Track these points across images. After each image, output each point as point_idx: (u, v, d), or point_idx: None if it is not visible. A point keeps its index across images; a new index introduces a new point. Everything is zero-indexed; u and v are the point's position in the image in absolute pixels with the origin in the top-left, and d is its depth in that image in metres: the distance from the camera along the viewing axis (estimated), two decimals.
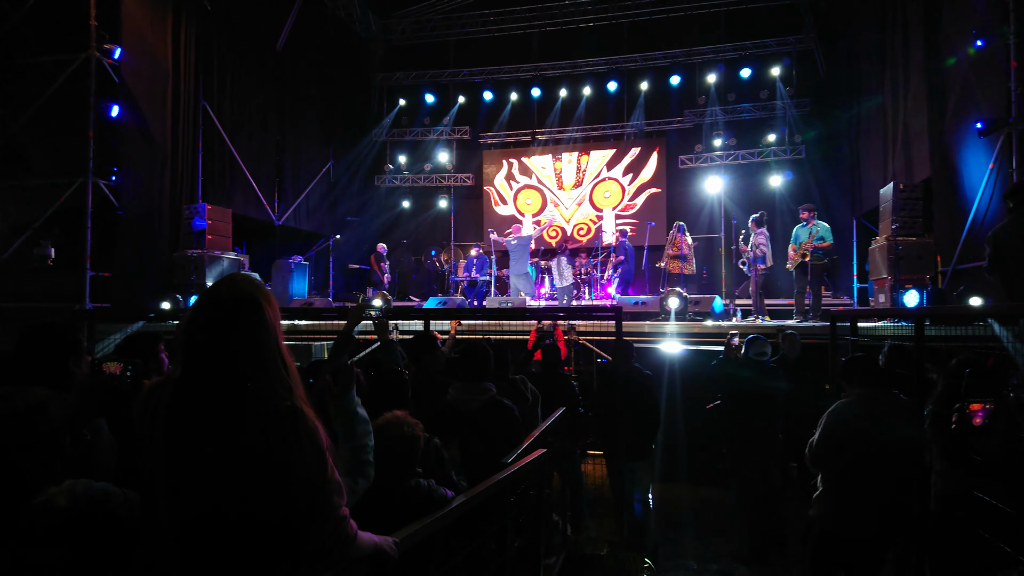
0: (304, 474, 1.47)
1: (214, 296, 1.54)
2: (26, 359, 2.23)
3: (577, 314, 8.17)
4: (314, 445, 1.50)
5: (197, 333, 1.51)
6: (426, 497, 2.42)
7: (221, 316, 1.51)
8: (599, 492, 5.94)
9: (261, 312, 1.53)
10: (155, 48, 9.82)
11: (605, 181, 15.62)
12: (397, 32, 16.50)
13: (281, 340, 1.56)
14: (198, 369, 1.49)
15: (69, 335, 2.31)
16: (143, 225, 9.60)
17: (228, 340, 1.49)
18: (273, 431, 1.45)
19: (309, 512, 1.49)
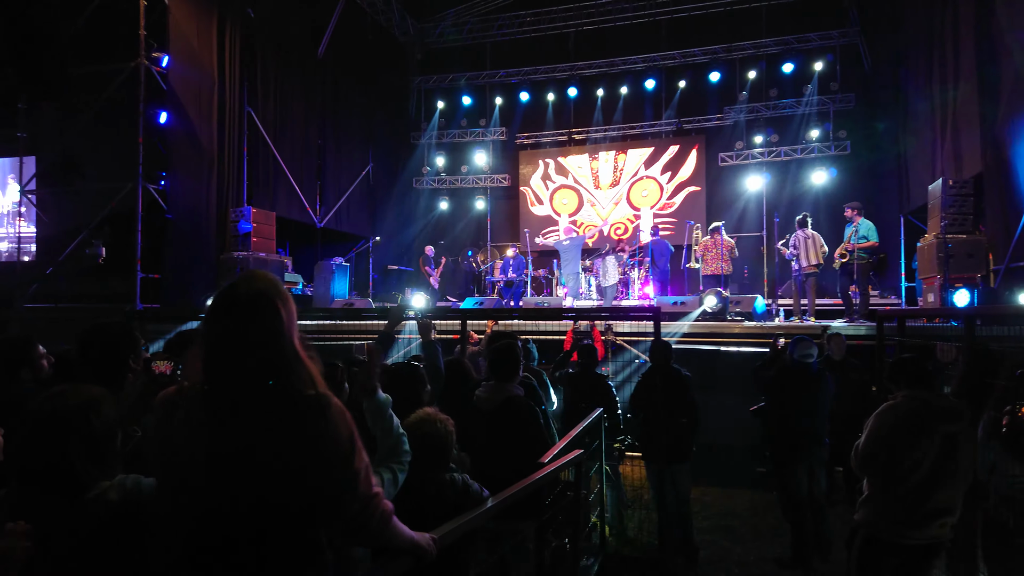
0: (333, 455, 1.51)
1: (231, 293, 1.57)
2: (85, 358, 2.31)
3: (614, 314, 8.12)
4: (346, 427, 1.54)
5: (216, 328, 1.55)
6: (461, 492, 2.43)
7: (239, 311, 1.54)
8: (638, 494, 5.89)
9: (276, 308, 1.56)
10: (201, 56, 10.11)
11: (643, 180, 15.48)
12: (434, 36, 16.65)
13: (296, 334, 1.60)
14: (219, 364, 1.53)
15: (128, 335, 2.37)
16: (191, 228, 9.89)
17: (247, 333, 1.52)
18: (301, 417, 1.49)
19: (342, 490, 1.54)
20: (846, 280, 8.85)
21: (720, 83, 14.66)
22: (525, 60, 16.00)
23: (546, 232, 15.94)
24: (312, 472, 1.49)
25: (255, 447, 1.48)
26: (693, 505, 5.41)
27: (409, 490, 2.12)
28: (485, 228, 16.44)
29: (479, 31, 16.21)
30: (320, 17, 13.07)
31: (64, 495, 1.62)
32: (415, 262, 15.91)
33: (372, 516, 1.61)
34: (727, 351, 7.86)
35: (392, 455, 2.06)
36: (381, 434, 2.08)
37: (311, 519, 1.53)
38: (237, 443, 1.49)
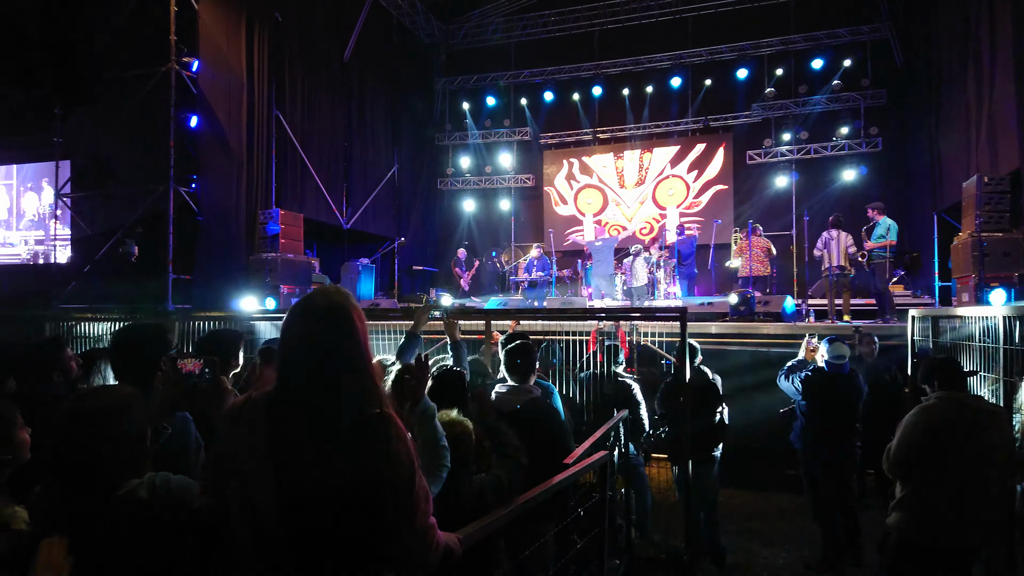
0: (396, 480, 1.51)
1: (309, 307, 1.60)
2: (119, 358, 2.36)
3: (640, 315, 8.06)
4: (406, 451, 1.54)
5: (293, 342, 1.58)
6: (477, 495, 2.43)
7: (316, 326, 1.57)
8: (664, 496, 5.84)
9: (353, 322, 1.58)
10: (230, 59, 10.27)
11: (669, 179, 15.35)
12: (459, 37, 16.71)
13: (368, 348, 1.61)
14: (294, 377, 1.55)
15: (160, 335, 2.43)
16: (221, 230, 10.05)
17: (322, 349, 1.54)
18: (366, 437, 1.50)
19: (401, 517, 1.52)
20: (872, 280, 8.80)
21: (748, 80, 14.48)
22: (549, 60, 15.98)
23: (570, 232, 15.90)
24: (372, 493, 1.49)
25: (317, 461, 1.48)
26: (721, 507, 5.34)
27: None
28: (509, 228, 16.45)
29: (503, 31, 16.22)
30: (346, 20, 13.19)
31: (95, 493, 1.66)
32: (440, 263, 16.02)
33: (429, 549, 1.59)
34: (756, 351, 7.75)
35: (432, 467, 2.06)
36: (423, 444, 2.08)
37: (368, 545, 1.51)
38: (300, 456, 1.50)
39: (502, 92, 16.57)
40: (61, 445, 1.67)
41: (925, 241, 11.40)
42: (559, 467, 2.95)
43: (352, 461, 1.48)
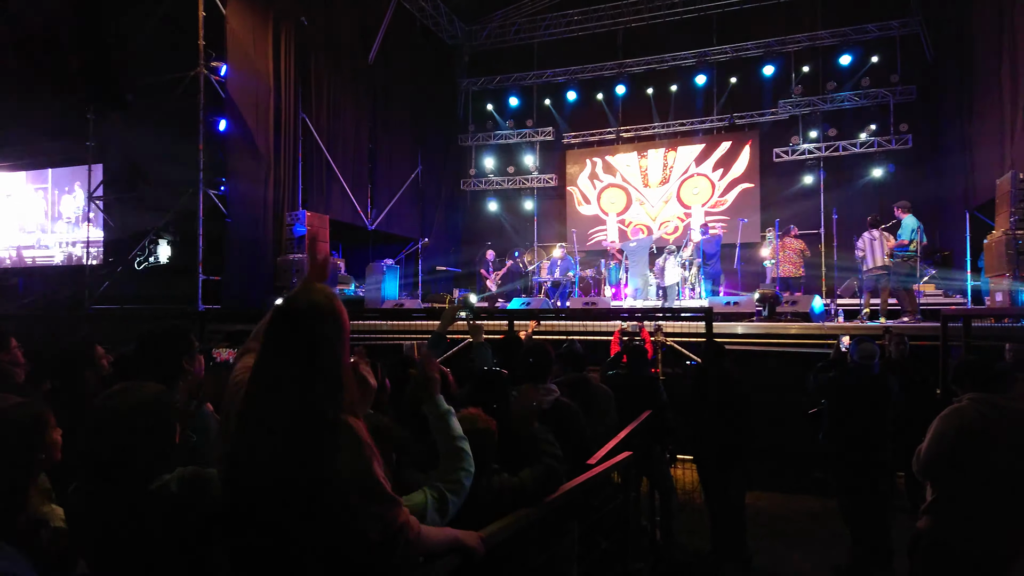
0: (342, 483, 1.50)
1: (285, 306, 1.62)
2: (144, 357, 2.43)
3: (665, 315, 8.01)
4: (354, 456, 1.52)
5: (265, 340, 1.61)
6: (497, 494, 2.43)
7: (286, 327, 1.58)
8: (690, 498, 5.80)
9: (323, 325, 1.58)
10: (257, 64, 10.43)
11: (693, 177, 15.22)
12: (482, 38, 16.76)
13: (342, 352, 1.61)
14: (261, 375, 1.58)
15: (183, 336, 2.48)
16: (249, 231, 10.21)
17: (286, 348, 1.56)
18: (314, 441, 1.50)
19: (357, 517, 1.52)
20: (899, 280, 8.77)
21: (774, 77, 14.30)
22: (572, 59, 15.94)
23: (593, 232, 15.85)
24: (318, 494, 1.49)
25: (265, 459, 1.51)
26: (747, 510, 5.28)
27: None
28: (532, 228, 16.45)
29: (526, 32, 16.24)
30: (370, 23, 13.30)
31: (128, 488, 1.70)
32: (463, 263, 16.08)
33: (394, 545, 1.58)
34: (783, 352, 7.65)
35: (449, 465, 2.04)
36: (439, 441, 2.09)
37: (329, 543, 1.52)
38: (253, 452, 1.53)
39: (525, 92, 16.58)
40: (92, 442, 1.72)
41: (957, 239, 11.15)
42: (585, 467, 2.95)
43: (296, 463, 1.49)
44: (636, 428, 3.92)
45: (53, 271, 13.62)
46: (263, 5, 10.56)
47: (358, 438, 1.55)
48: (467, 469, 2.04)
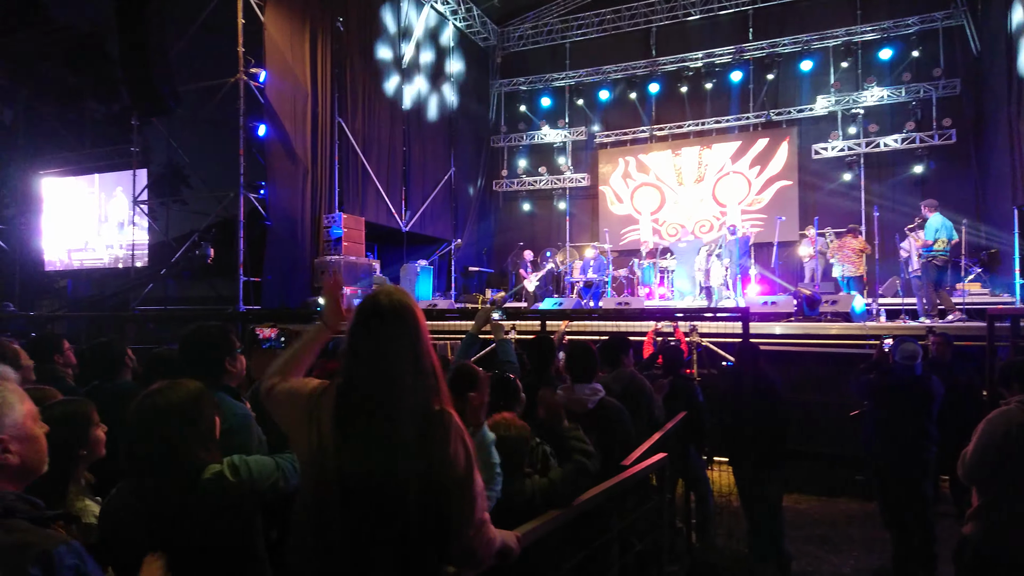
0: (453, 476, 1.56)
1: (374, 306, 1.67)
2: (187, 357, 2.51)
3: (700, 315, 7.93)
4: (464, 448, 1.59)
5: (359, 340, 1.66)
6: (529, 497, 2.44)
7: (382, 325, 1.64)
8: (727, 501, 5.73)
9: (416, 321, 1.66)
10: (295, 69, 10.63)
11: (729, 175, 14.99)
12: (514, 39, 16.80)
13: (431, 346, 1.68)
14: (360, 373, 1.63)
15: (224, 336, 2.55)
16: (288, 234, 10.43)
17: (388, 346, 1.62)
18: (426, 434, 1.56)
19: (457, 512, 1.57)
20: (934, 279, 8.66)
21: (812, 72, 14.00)
22: (605, 58, 15.86)
23: (626, 231, 15.74)
24: (429, 489, 1.54)
25: (378, 456, 1.56)
26: (785, 513, 5.21)
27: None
28: (564, 228, 16.41)
29: (558, 32, 16.22)
30: (404, 26, 13.46)
31: (179, 480, 1.78)
32: (494, 263, 16.16)
33: (485, 545, 1.64)
34: (823, 353, 7.51)
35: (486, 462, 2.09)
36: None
37: (424, 538, 1.56)
38: (362, 449, 1.58)
39: (557, 92, 16.56)
40: (138, 438, 1.79)
41: (1004, 236, 10.79)
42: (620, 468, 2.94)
43: (411, 457, 1.54)
44: (671, 430, 3.90)
45: (100, 273, 14.10)
46: (299, 11, 10.76)
47: (460, 428, 1.61)
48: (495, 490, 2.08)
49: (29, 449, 1.28)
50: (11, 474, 1.24)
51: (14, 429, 1.24)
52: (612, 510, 2.97)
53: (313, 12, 10.93)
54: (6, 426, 1.23)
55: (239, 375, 2.56)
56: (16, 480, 1.26)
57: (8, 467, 1.23)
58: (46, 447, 1.34)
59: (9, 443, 1.23)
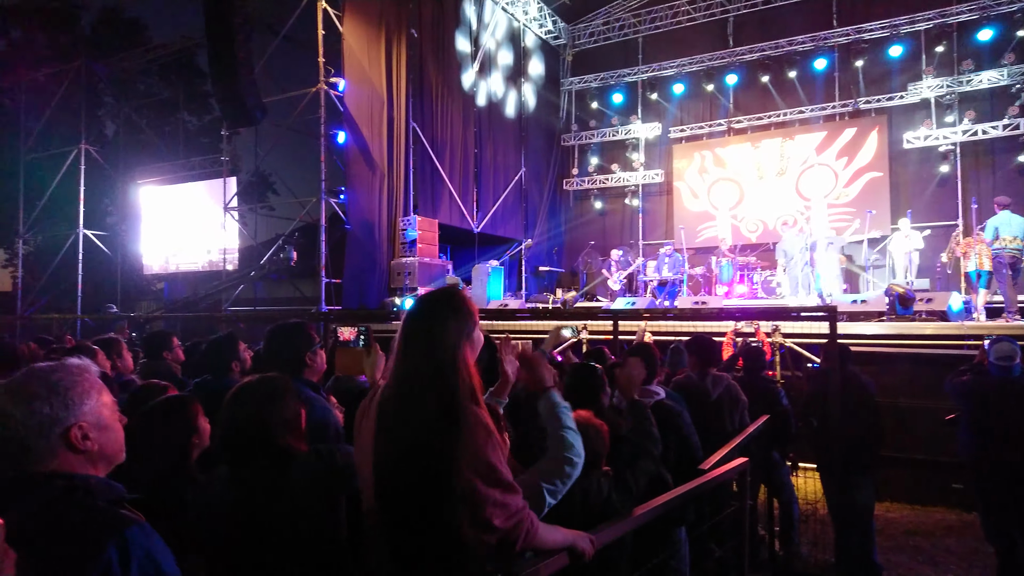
0: (466, 474, 1.57)
1: (421, 304, 1.76)
2: (270, 352, 2.67)
3: (782, 315, 7.64)
4: (482, 447, 1.60)
5: (404, 335, 1.73)
6: (606, 499, 2.41)
7: (423, 322, 1.71)
8: (813, 508, 5.51)
9: (448, 317, 1.70)
10: (372, 77, 10.96)
11: (814, 168, 14.35)
12: (585, 36, 16.70)
13: (465, 341, 1.70)
14: (399, 367, 1.70)
15: (304, 332, 2.70)
16: (366, 237, 10.78)
17: (425, 343, 1.68)
18: (445, 427, 1.59)
19: (480, 504, 1.58)
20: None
21: (903, 57, 13.22)
22: (680, 51, 15.51)
23: (702, 228, 15.34)
24: (445, 483, 1.57)
25: (402, 446, 1.61)
26: (876, 521, 4.95)
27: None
28: (636, 226, 16.18)
29: (630, 27, 16.00)
30: (475, 29, 13.61)
31: (269, 465, 1.89)
32: (565, 263, 16.12)
33: (517, 535, 1.64)
34: (918, 354, 7.09)
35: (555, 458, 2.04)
36: (549, 432, 2.10)
37: (455, 529, 1.58)
38: (391, 439, 1.64)
39: (629, 88, 16.33)
40: (227, 425, 1.93)
41: None
42: (690, 472, 2.87)
43: (429, 449, 1.58)
44: (752, 434, 3.77)
45: (194, 276, 14.99)
46: (375, 20, 11.07)
47: (483, 424, 1.63)
48: (572, 459, 1.95)
49: (106, 437, 1.37)
50: (92, 459, 1.34)
51: (92, 417, 1.33)
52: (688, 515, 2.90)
53: (388, 20, 11.22)
54: (84, 414, 1.32)
55: (318, 370, 2.69)
56: (96, 465, 1.35)
57: (89, 452, 1.32)
58: (123, 438, 1.44)
59: (88, 430, 1.32)
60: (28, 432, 1.26)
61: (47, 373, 1.31)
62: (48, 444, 1.27)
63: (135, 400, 2.52)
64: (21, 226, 16.05)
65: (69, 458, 1.29)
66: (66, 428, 1.28)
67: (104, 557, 1.18)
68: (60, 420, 1.28)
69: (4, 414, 1.26)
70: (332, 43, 10.79)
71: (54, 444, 1.27)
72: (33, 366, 1.35)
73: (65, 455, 1.29)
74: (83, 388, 1.33)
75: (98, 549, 1.18)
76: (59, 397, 1.28)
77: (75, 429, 1.29)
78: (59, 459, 1.28)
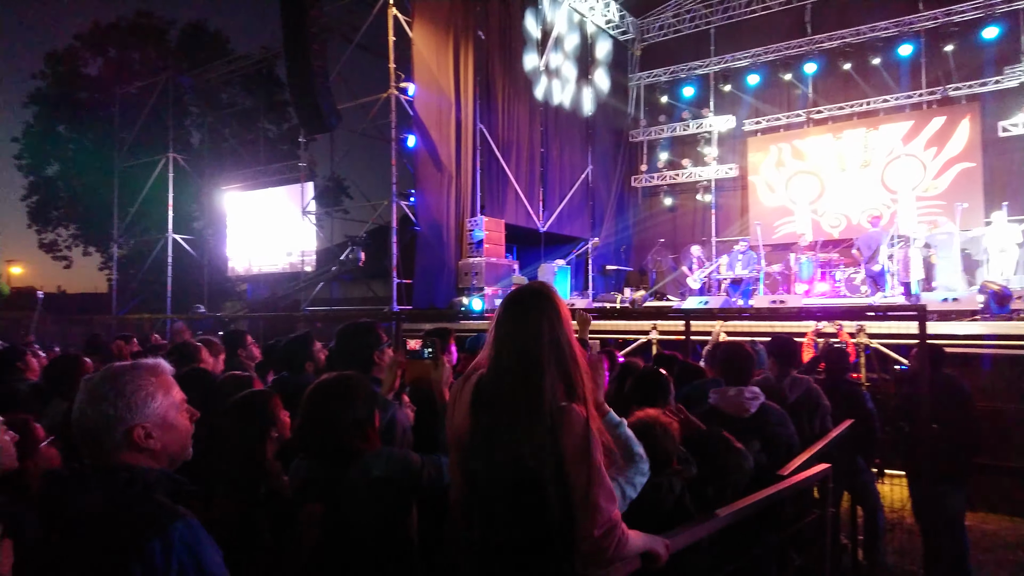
0: (568, 473, 1.55)
1: (514, 294, 1.74)
2: (341, 351, 2.77)
3: (867, 314, 7.27)
4: (583, 447, 1.56)
5: (497, 328, 1.71)
6: (678, 499, 2.35)
7: (511, 316, 1.69)
8: (899, 517, 5.23)
9: (552, 310, 1.67)
10: (440, 81, 11.14)
11: (900, 159, 13.59)
12: (654, 29, 16.41)
13: (570, 338, 1.67)
14: (495, 364, 1.68)
15: (372, 331, 2.80)
16: (434, 238, 10.98)
17: (521, 341, 1.65)
18: (545, 428, 1.56)
19: (582, 511, 1.55)
20: None
21: (998, 40, 12.31)
22: (754, 41, 14.98)
23: (780, 223, 14.80)
24: (545, 483, 1.54)
25: (500, 445, 1.60)
26: (971, 533, 4.64)
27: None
28: (709, 222, 15.75)
29: (702, 18, 15.60)
30: (542, 27, 13.59)
31: (338, 462, 1.96)
32: (633, 261, 15.88)
33: (609, 544, 1.59)
34: (1019, 356, 6.62)
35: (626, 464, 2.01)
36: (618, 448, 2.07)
37: (543, 533, 1.56)
38: (488, 438, 1.63)
39: (701, 80, 15.93)
40: (302, 420, 2.01)
41: None
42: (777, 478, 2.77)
43: (529, 450, 1.55)
44: (835, 439, 3.61)
45: (274, 277, 15.63)
46: (444, 24, 11.23)
47: (584, 425, 1.59)
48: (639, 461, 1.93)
49: (168, 435, 1.47)
50: (155, 456, 1.45)
51: (155, 417, 1.44)
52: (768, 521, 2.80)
53: (456, 23, 11.36)
54: (147, 415, 1.43)
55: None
56: (159, 461, 1.46)
57: (151, 450, 1.43)
58: (188, 434, 1.54)
59: (152, 430, 1.43)
60: (98, 429, 1.39)
61: (117, 376, 1.43)
62: (114, 440, 1.39)
63: (218, 392, 2.66)
64: (116, 231, 17.20)
65: (134, 454, 1.41)
66: (129, 428, 1.40)
67: (148, 549, 1.26)
68: (124, 420, 1.40)
69: (82, 411, 1.40)
70: (402, 49, 11.04)
71: (119, 441, 1.39)
72: (111, 366, 1.47)
73: (130, 451, 1.40)
74: (148, 391, 1.44)
75: (143, 541, 1.27)
76: (123, 400, 1.40)
77: (138, 429, 1.40)
78: (125, 454, 1.40)
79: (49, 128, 23.80)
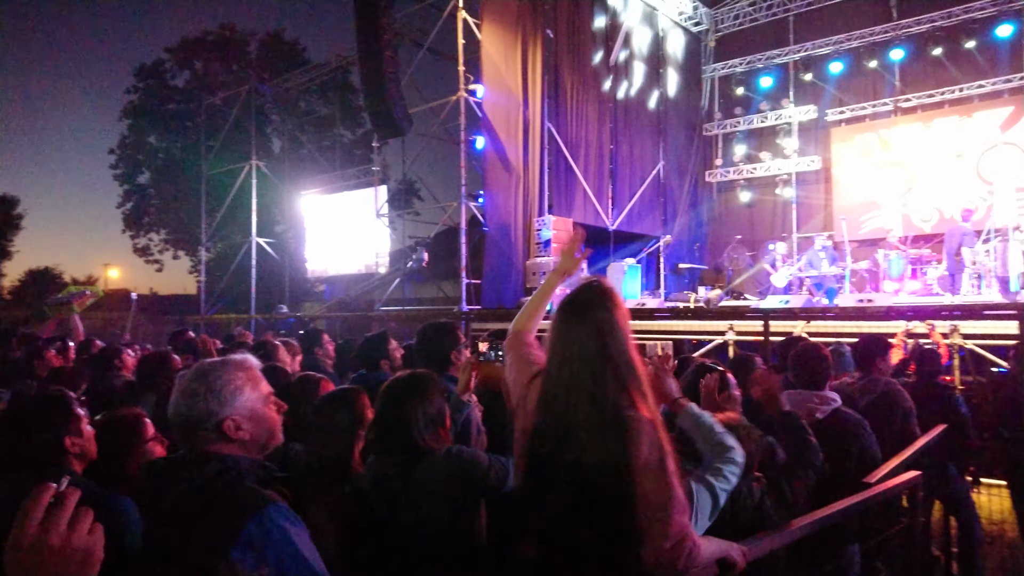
0: (633, 484, 1.49)
1: (565, 302, 1.68)
2: (420, 350, 2.86)
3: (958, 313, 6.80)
4: (651, 457, 1.50)
5: (552, 329, 1.67)
6: (757, 506, 2.25)
7: (570, 319, 1.63)
8: (999, 529, 4.86)
9: (607, 312, 1.60)
10: (508, 81, 11.17)
11: (998, 147, 12.64)
12: (729, 19, 15.91)
13: (628, 342, 1.61)
14: (556, 370, 1.63)
15: (451, 331, 2.87)
16: (502, 238, 11.03)
17: (582, 346, 1.59)
18: (610, 437, 1.51)
19: (650, 520, 1.50)
20: None
21: None
22: (837, 27, 14.26)
23: (866, 218, 14.06)
24: (609, 493, 1.50)
25: (563, 451, 1.55)
26: None
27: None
28: (789, 218, 15.12)
29: (779, 5, 14.99)
30: (611, 23, 13.42)
31: (406, 457, 2.00)
32: (707, 259, 15.43)
33: (680, 555, 1.52)
34: None
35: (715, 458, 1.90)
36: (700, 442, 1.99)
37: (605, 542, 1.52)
38: (551, 443, 1.58)
39: (779, 70, 15.30)
40: (379, 420, 2.06)
41: None
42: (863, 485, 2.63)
43: (591, 459, 1.50)
44: (926, 446, 3.39)
45: (350, 278, 16.13)
46: (512, 25, 11.26)
47: (655, 433, 1.53)
48: (736, 460, 1.85)
49: (257, 427, 1.55)
50: (245, 446, 1.53)
51: (243, 410, 1.52)
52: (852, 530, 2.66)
53: (524, 23, 11.36)
54: (236, 408, 1.51)
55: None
56: (249, 450, 1.54)
57: (241, 440, 1.51)
58: (276, 424, 1.61)
59: (241, 422, 1.51)
60: (192, 421, 1.48)
61: (208, 372, 1.52)
62: (206, 432, 1.48)
63: (292, 389, 2.74)
64: (203, 235, 18.19)
65: (226, 444, 1.50)
66: (220, 420, 1.48)
67: (245, 531, 1.32)
68: (215, 413, 1.48)
69: (177, 405, 1.50)
70: (471, 51, 11.16)
71: (211, 432, 1.48)
72: (203, 363, 1.57)
73: (222, 441, 1.49)
74: (236, 385, 1.52)
75: (240, 523, 1.33)
76: (214, 394, 1.49)
77: (228, 421, 1.49)
78: (218, 444, 1.49)
79: (141, 139, 25.50)
